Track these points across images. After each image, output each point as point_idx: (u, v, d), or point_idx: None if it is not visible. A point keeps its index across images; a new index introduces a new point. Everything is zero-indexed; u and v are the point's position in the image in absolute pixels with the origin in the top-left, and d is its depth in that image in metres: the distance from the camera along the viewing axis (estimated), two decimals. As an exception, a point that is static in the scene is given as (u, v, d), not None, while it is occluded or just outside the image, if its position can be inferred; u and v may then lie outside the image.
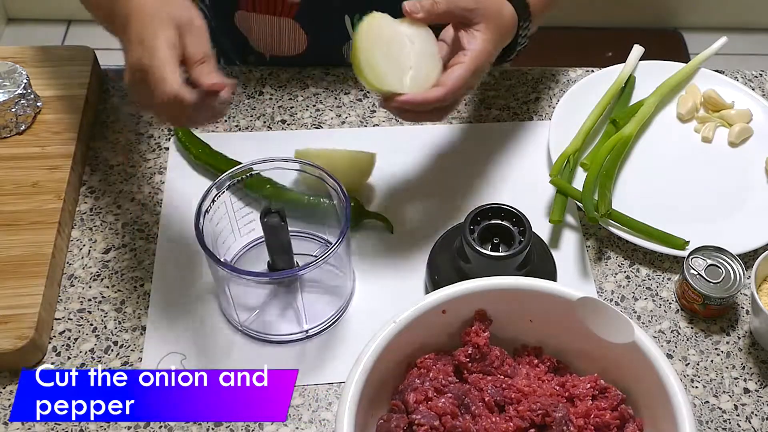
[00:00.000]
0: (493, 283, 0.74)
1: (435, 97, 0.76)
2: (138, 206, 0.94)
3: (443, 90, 0.77)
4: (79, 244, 0.91)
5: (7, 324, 0.80)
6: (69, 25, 2.39)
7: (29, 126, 0.97)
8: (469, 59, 0.78)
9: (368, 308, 0.86)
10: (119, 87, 1.06)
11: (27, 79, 0.96)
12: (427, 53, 0.78)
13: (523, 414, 0.70)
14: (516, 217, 0.83)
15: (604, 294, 0.89)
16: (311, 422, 0.79)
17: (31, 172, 0.93)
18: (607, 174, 0.94)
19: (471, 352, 0.74)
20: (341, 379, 0.81)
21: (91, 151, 0.99)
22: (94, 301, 0.86)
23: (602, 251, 0.92)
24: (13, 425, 0.78)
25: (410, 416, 0.69)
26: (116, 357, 0.82)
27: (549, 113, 1.04)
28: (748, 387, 0.82)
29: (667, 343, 0.85)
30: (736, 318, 0.87)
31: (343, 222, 0.78)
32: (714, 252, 0.86)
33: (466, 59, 0.78)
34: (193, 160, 0.97)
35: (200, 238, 0.76)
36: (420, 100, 0.76)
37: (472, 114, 1.04)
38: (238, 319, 0.83)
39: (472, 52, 0.78)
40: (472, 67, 0.78)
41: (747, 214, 0.94)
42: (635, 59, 1.07)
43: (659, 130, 1.04)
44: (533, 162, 1.00)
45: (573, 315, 0.73)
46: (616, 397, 0.72)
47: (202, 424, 0.78)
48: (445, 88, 0.77)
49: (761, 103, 1.05)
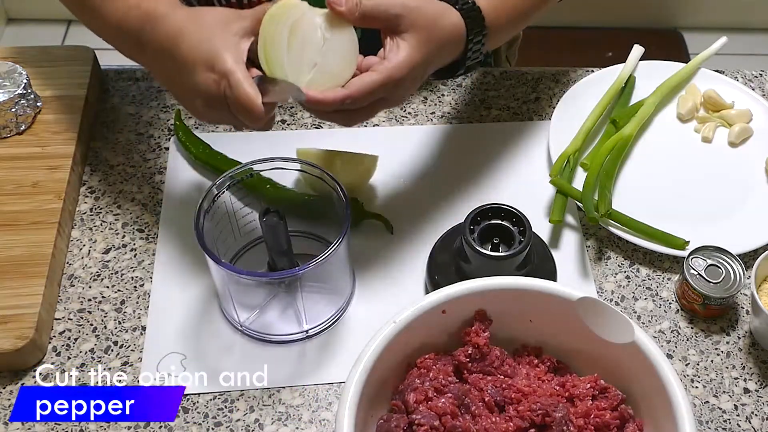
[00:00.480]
0: (493, 283, 0.74)
1: (332, 99, 0.71)
2: (138, 206, 0.94)
3: (343, 93, 0.71)
4: (79, 244, 0.91)
5: (7, 324, 0.80)
6: (69, 25, 2.39)
7: (29, 126, 0.97)
8: (384, 68, 0.72)
9: (368, 308, 0.86)
10: (119, 87, 1.06)
11: (27, 79, 0.96)
12: (341, 52, 0.73)
13: (523, 414, 0.70)
14: (516, 217, 0.83)
15: (604, 294, 0.89)
16: (311, 422, 0.79)
17: (31, 172, 0.93)
18: (607, 174, 0.94)
19: (471, 352, 0.74)
20: (341, 379, 0.81)
21: (91, 151, 0.99)
22: (94, 301, 0.86)
23: (602, 251, 0.92)
24: (13, 425, 0.78)
25: (410, 416, 0.69)
26: (116, 357, 0.82)
27: (549, 113, 1.04)
28: (748, 387, 0.82)
29: (667, 343, 0.85)
30: (736, 318, 0.87)
31: (343, 222, 0.78)
32: (714, 252, 0.86)
33: (381, 68, 0.72)
34: (193, 160, 0.97)
35: (200, 238, 0.76)
36: (317, 98, 0.71)
37: (472, 114, 1.04)
38: (238, 319, 0.83)
39: (390, 62, 0.73)
40: (385, 77, 0.72)
41: (747, 214, 0.94)
42: (635, 59, 1.07)
43: (659, 130, 1.04)
44: (533, 162, 1.00)
45: (573, 315, 0.73)
46: (616, 397, 0.72)
47: (202, 424, 0.78)
48: (346, 92, 0.71)
49: (761, 103, 1.05)
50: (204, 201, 0.78)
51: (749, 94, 1.06)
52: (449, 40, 0.77)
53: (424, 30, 0.74)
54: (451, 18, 0.77)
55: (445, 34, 0.76)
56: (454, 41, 0.78)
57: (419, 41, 0.74)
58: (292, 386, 0.81)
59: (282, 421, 0.79)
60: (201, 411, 0.79)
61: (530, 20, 0.89)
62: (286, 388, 0.81)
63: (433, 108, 1.04)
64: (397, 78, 0.73)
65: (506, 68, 1.10)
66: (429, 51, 0.75)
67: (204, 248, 0.75)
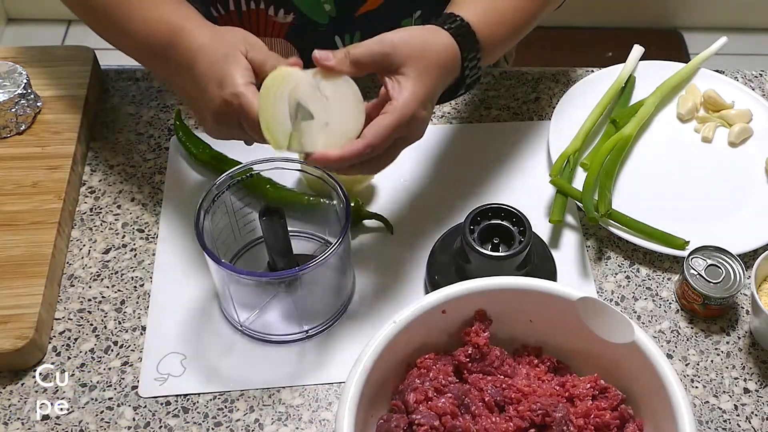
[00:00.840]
0: (493, 283, 0.74)
1: (355, 152, 0.69)
2: (138, 206, 0.94)
3: (363, 144, 0.70)
4: (79, 244, 0.91)
5: (7, 324, 0.80)
6: (69, 25, 2.39)
7: (29, 126, 0.97)
8: (393, 108, 0.71)
9: (368, 308, 0.86)
10: (119, 87, 1.06)
11: (27, 79, 0.96)
12: (346, 105, 0.72)
13: (523, 414, 0.70)
14: (516, 217, 0.83)
15: (604, 294, 0.89)
16: (311, 422, 0.79)
17: (31, 172, 0.93)
18: (607, 174, 0.94)
19: (471, 352, 0.74)
20: (341, 379, 0.81)
21: (91, 151, 0.99)
22: (94, 301, 0.86)
23: (602, 251, 0.92)
24: (13, 425, 0.78)
25: (410, 416, 0.69)
26: (116, 357, 0.82)
27: (549, 113, 1.04)
28: (748, 387, 0.82)
29: (667, 343, 0.85)
30: (736, 318, 0.87)
31: (343, 222, 0.78)
32: (714, 252, 0.86)
33: (391, 108, 0.71)
34: (193, 160, 0.97)
35: (200, 238, 0.76)
36: (336, 156, 0.69)
37: (472, 114, 1.04)
38: (238, 319, 0.83)
39: (397, 101, 0.71)
40: (398, 117, 0.71)
41: (747, 214, 0.94)
42: (635, 59, 1.07)
43: (659, 130, 1.04)
44: (533, 162, 1.00)
45: (573, 315, 0.73)
46: (616, 397, 0.72)
47: (202, 424, 0.78)
48: (365, 142, 0.70)
49: (761, 103, 1.05)
50: (204, 201, 0.78)
51: (749, 94, 1.06)
52: (445, 61, 0.76)
53: (418, 60, 0.73)
54: (441, 39, 0.76)
55: (441, 57, 0.76)
56: (451, 61, 0.77)
57: (418, 71, 0.73)
58: (292, 386, 0.81)
59: (282, 421, 0.79)
60: (201, 411, 0.79)
61: (525, 32, 0.88)
62: (286, 388, 0.81)
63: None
64: (409, 114, 0.72)
65: (506, 68, 1.10)
66: (431, 77, 0.74)
67: (204, 248, 0.75)
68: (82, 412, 0.79)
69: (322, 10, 0.98)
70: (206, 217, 0.78)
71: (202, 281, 0.87)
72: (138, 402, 0.79)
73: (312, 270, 0.76)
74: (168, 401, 0.80)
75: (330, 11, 0.98)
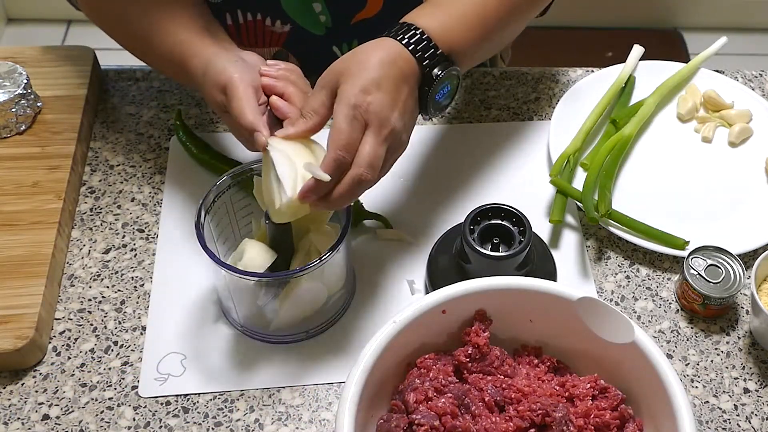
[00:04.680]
0: (493, 283, 0.74)
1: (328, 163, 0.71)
2: (138, 206, 0.94)
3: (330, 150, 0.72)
4: (79, 244, 0.91)
5: (7, 324, 0.80)
6: (69, 25, 2.39)
7: (29, 126, 0.97)
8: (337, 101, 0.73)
9: (368, 308, 0.86)
10: (119, 87, 1.06)
11: (27, 79, 0.96)
12: (305, 153, 0.75)
13: (523, 414, 0.70)
14: (516, 217, 0.83)
15: (604, 294, 0.89)
16: (311, 422, 0.79)
17: (31, 172, 0.93)
18: (607, 174, 0.94)
19: (471, 352, 0.74)
20: (341, 379, 0.81)
21: (91, 151, 0.99)
22: (94, 301, 0.86)
23: (602, 251, 0.92)
24: (13, 425, 0.78)
25: (410, 416, 0.69)
26: (116, 357, 0.82)
27: (549, 113, 1.04)
28: (748, 387, 0.82)
29: (667, 343, 0.85)
30: (736, 318, 0.87)
31: (343, 222, 0.78)
32: (714, 252, 0.86)
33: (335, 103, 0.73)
34: (193, 161, 0.97)
35: (200, 238, 0.76)
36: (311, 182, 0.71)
37: (472, 114, 1.04)
38: (238, 319, 0.83)
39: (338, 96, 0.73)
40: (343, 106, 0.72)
41: (747, 214, 0.94)
42: (635, 59, 1.07)
43: (659, 130, 1.04)
44: (533, 162, 1.00)
45: (573, 315, 0.73)
46: (616, 397, 0.72)
47: (202, 424, 0.78)
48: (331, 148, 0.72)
49: (761, 103, 1.05)
50: (204, 201, 0.78)
51: (749, 94, 1.06)
52: (389, 56, 0.75)
53: (350, 63, 0.74)
54: (382, 43, 0.76)
55: (382, 54, 0.75)
56: (396, 55, 0.76)
57: (352, 73, 0.74)
58: (292, 386, 0.81)
59: (282, 421, 0.79)
60: (201, 411, 0.79)
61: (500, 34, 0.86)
62: (286, 388, 0.81)
63: (433, 108, 1.04)
64: (353, 101, 0.72)
65: (506, 68, 1.10)
66: (368, 71, 0.74)
67: (204, 248, 0.75)
68: (82, 412, 0.79)
69: (318, 22, 0.98)
70: (206, 217, 0.78)
71: (202, 281, 0.87)
72: (138, 402, 0.79)
73: (312, 270, 0.76)
74: (168, 401, 0.80)
75: (325, 22, 0.99)
